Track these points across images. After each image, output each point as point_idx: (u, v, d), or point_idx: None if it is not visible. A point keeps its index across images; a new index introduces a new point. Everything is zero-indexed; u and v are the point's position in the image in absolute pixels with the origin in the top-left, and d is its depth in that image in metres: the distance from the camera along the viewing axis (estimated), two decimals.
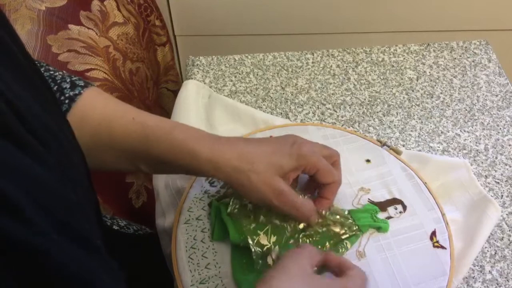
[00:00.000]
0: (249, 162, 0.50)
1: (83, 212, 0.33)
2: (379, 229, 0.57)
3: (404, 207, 0.60)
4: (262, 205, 0.54)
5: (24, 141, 0.29)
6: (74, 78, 0.55)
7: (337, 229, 0.56)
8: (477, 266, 0.59)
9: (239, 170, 0.50)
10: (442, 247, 0.56)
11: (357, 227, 0.57)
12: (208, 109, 0.73)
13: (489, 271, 0.59)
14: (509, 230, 0.62)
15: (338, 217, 0.57)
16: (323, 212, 0.55)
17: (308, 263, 0.47)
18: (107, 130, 0.52)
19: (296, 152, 0.51)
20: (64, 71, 0.57)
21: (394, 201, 0.60)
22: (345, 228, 0.56)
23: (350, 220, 0.57)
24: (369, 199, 0.60)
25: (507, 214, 0.64)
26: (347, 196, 0.61)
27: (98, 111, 0.52)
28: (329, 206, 0.56)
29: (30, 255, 0.26)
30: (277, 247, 0.53)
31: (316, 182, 0.55)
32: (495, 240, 0.61)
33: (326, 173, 0.53)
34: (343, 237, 0.56)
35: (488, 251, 0.60)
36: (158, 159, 0.52)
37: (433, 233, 0.58)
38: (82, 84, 0.54)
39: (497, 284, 0.57)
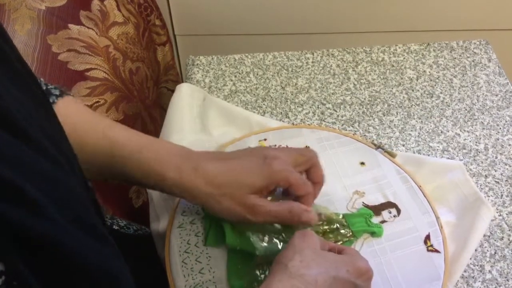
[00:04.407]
0: (217, 186, 0.50)
1: (90, 207, 0.34)
2: (373, 234, 0.57)
3: (399, 211, 0.60)
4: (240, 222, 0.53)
5: (32, 139, 0.29)
6: (50, 87, 0.55)
7: (331, 236, 0.56)
8: (477, 266, 0.59)
9: (208, 194, 0.50)
10: (436, 251, 0.56)
11: (351, 233, 0.57)
12: (203, 112, 0.73)
13: (489, 270, 0.59)
14: (509, 230, 0.62)
15: (333, 222, 0.57)
16: (322, 216, 0.55)
17: (318, 242, 0.48)
18: (76, 143, 0.51)
19: (267, 169, 0.50)
20: (41, 79, 0.57)
21: (389, 205, 0.60)
22: (340, 235, 0.56)
23: (344, 226, 0.57)
24: (363, 202, 0.60)
25: (507, 214, 0.64)
26: (342, 199, 0.61)
27: (69, 123, 0.52)
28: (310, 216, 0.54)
29: (50, 250, 0.26)
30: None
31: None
32: (495, 240, 0.61)
33: (298, 186, 0.51)
34: (338, 244, 0.55)
35: (488, 251, 0.60)
36: (127, 176, 0.52)
37: (427, 237, 0.57)
38: (57, 93, 0.54)
39: (497, 284, 0.57)
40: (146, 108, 0.93)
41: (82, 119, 0.53)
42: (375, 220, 0.58)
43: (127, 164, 0.51)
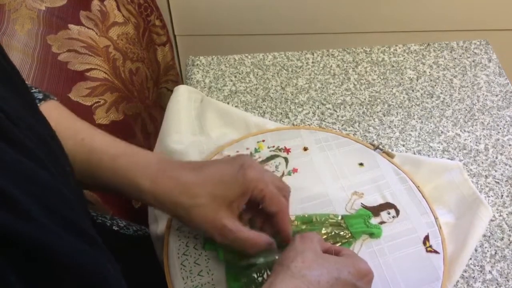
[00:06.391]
0: (191, 196, 0.49)
1: (77, 207, 0.34)
2: (372, 235, 0.57)
3: (397, 212, 0.60)
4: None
5: (15, 139, 0.29)
6: (33, 90, 0.55)
7: (330, 238, 0.56)
8: (477, 266, 0.59)
9: (180, 205, 0.49)
10: (435, 251, 0.56)
11: (350, 234, 0.57)
12: (200, 114, 0.73)
13: (489, 271, 0.59)
14: (509, 230, 0.62)
15: (331, 224, 0.57)
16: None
17: (318, 245, 0.48)
18: None
19: (241, 177, 0.49)
20: (27, 82, 0.57)
21: (387, 206, 0.60)
22: (338, 237, 0.56)
23: (343, 228, 0.57)
24: (362, 203, 0.60)
25: (507, 214, 0.64)
26: (341, 200, 0.61)
27: None
28: (289, 238, 0.52)
29: (34, 251, 0.26)
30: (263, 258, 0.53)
31: (263, 212, 0.52)
32: (495, 240, 0.61)
33: (273, 199, 0.50)
34: (337, 245, 0.55)
35: (488, 251, 0.60)
36: (102, 184, 0.52)
37: (426, 238, 0.57)
38: (40, 97, 0.54)
39: (497, 284, 0.57)
40: (146, 108, 0.93)
41: (63, 125, 0.52)
42: (374, 221, 0.58)
43: (103, 171, 0.51)
